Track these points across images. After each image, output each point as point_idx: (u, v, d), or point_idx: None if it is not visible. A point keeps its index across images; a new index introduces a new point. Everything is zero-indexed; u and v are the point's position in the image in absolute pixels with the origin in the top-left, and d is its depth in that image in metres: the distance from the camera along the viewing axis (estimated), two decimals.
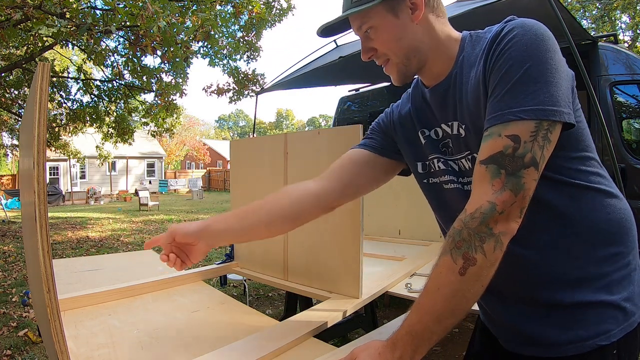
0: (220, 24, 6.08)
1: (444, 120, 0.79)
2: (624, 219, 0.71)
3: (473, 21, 0.79)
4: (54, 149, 11.42)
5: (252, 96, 8.40)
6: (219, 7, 6.24)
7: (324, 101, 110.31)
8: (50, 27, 4.59)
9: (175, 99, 7.79)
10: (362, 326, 1.85)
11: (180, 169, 34.76)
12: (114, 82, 8.55)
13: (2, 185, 18.24)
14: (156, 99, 7.93)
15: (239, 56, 8.31)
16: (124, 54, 7.03)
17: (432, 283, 0.64)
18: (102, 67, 7.47)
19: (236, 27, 8.28)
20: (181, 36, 5.20)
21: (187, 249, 0.86)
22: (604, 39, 3.09)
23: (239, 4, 6.38)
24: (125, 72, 7.45)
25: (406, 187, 2.47)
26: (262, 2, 7.83)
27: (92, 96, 8.95)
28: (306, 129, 52.78)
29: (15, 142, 13.55)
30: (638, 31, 10.45)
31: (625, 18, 11.09)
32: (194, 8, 5.86)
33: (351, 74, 4.30)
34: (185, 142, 36.66)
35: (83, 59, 8.63)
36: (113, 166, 21.57)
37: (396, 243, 2.43)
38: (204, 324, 1.17)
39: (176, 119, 9.46)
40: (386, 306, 3.38)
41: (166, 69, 7.13)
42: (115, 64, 7.78)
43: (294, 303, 1.93)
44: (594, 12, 10.67)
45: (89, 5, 6.05)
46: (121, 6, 4.44)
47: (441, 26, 0.77)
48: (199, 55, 7.58)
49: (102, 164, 13.25)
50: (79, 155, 12.53)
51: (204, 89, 8.76)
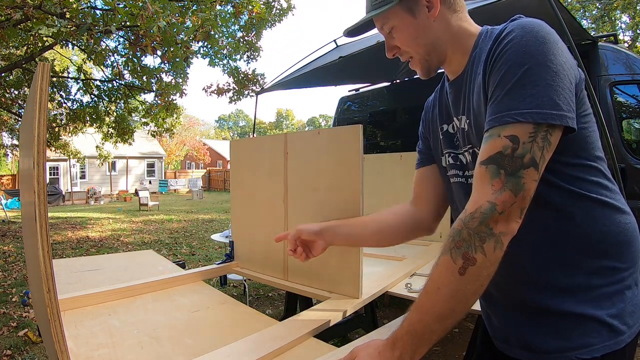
0: (220, 24, 6.08)
1: (456, 114, 0.81)
2: (623, 234, 0.69)
3: (473, 21, 0.79)
4: (54, 149, 11.42)
5: (252, 96, 8.40)
6: (219, 7, 6.24)
7: (324, 101, 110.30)
8: (50, 27, 4.58)
9: (175, 99, 7.79)
10: (362, 326, 1.85)
11: (180, 169, 34.76)
12: (114, 82, 8.55)
13: (2, 185, 18.23)
14: (156, 99, 7.93)
15: (239, 56, 8.31)
16: (124, 54, 7.03)
17: (432, 283, 0.64)
18: (102, 67, 7.47)
19: (236, 27, 8.28)
20: (181, 36, 5.20)
21: (310, 244, 1.06)
22: (604, 39, 3.09)
23: (239, 4, 6.38)
24: (125, 72, 7.45)
25: (406, 187, 2.47)
26: (262, 2, 7.83)
27: (92, 96, 8.95)
28: (306, 129, 52.77)
29: (15, 142, 13.55)
30: (638, 31, 10.45)
31: (625, 18, 11.09)
32: (194, 8, 5.86)
33: (351, 74, 4.30)
34: (185, 142, 36.66)
35: (83, 59, 8.63)
36: (113, 166, 21.56)
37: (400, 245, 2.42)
38: (204, 324, 1.17)
39: (176, 119, 9.46)
40: (386, 306, 3.38)
41: (166, 69, 7.13)
42: (115, 64, 7.78)
43: (294, 303, 1.93)
44: (594, 12, 10.67)
45: (89, 5, 6.05)
46: (121, 6, 4.44)
47: (458, 22, 0.78)
48: (199, 55, 7.58)
49: (102, 164, 13.25)
50: (79, 155, 12.53)
51: (204, 89, 8.76)
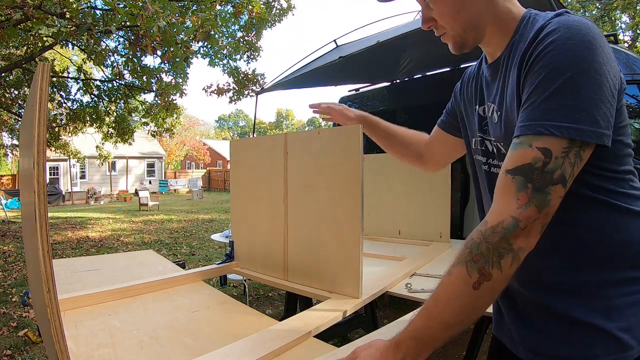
0: (220, 24, 6.08)
1: (489, 99, 0.79)
2: None
3: None
4: (54, 149, 11.42)
5: (252, 96, 8.40)
6: (219, 7, 6.23)
7: (323, 101, 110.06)
8: (50, 27, 4.59)
9: (175, 99, 7.78)
10: (362, 326, 1.85)
11: (180, 169, 34.76)
12: (114, 82, 8.55)
13: (2, 185, 18.23)
14: (156, 99, 7.93)
15: (239, 56, 8.30)
16: (124, 54, 7.03)
17: (443, 292, 0.63)
18: (102, 67, 7.47)
19: (236, 27, 8.28)
20: (181, 36, 5.19)
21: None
22: None
23: (239, 4, 6.38)
24: (125, 72, 7.44)
25: (406, 187, 2.47)
26: (262, 2, 7.83)
27: (92, 96, 8.94)
28: (306, 129, 52.77)
29: (15, 142, 13.55)
30: (638, 31, 10.45)
31: (625, 18, 11.09)
32: (194, 8, 5.86)
33: (351, 74, 4.29)
34: (185, 142, 36.65)
35: (83, 59, 8.62)
36: (113, 166, 21.56)
37: (396, 243, 2.43)
38: (204, 324, 1.17)
39: (176, 119, 9.46)
40: (386, 306, 3.38)
41: (166, 69, 7.12)
42: (115, 64, 7.78)
43: (294, 303, 1.93)
44: (594, 12, 10.67)
45: (89, 5, 6.05)
46: (121, 6, 4.44)
47: (503, 0, 0.73)
48: (199, 55, 7.58)
49: (102, 164, 13.24)
50: (79, 155, 12.53)
51: (204, 89, 8.76)
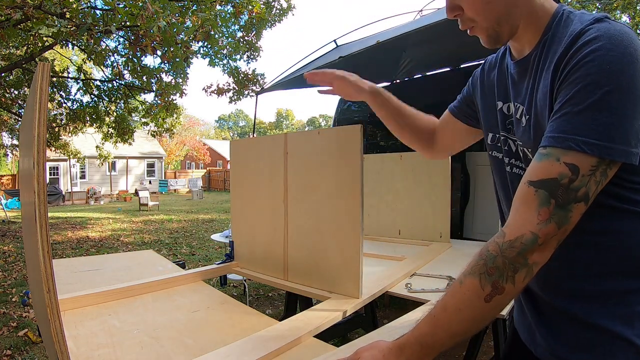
0: (220, 24, 6.08)
1: (516, 99, 0.75)
2: None
3: None
4: (54, 149, 11.42)
5: (252, 96, 8.40)
6: (219, 7, 6.23)
7: (324, 101, 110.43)
8: (50, 27, 4.59)
9: (175, 99, 7.79)
10: (362, 326, 1.85)
11: (180, 169, 34.76)
12: (114, 82, 8.55)
13: (2, 185, 18.23)
14: (156, 99, 7.93)
15: (239, 56, 8.31)
16: (124, 54, 7.03)
17: (453, 301, 0.62)
18: (102, 67, 7.47)
19: (236, 27, 8.28)
20: (181, 36, 5.20)
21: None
22: None
23: (239, 4, 6.38)
24: (125, 72, 7.45)
25: (406, 187, 2.47)
26: (262, 2, 7.82)
27: (92, 96, 8.95)
28: (306, 129, 52.76)
29: (15, 142, 13.55)
30: (638, 31, 10.45)
31: (625, 18, 11.09)
32: (194, 8, 5.86)
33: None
34: (185, 142, 36.65)
35: (83, 59, 8.62)
36: (113, 166, 21.55)
37: (396, 243, 2.43)
38: (204, 324, 1.17)
39: (176, 119, 9.46)
40: (386, 306, 3.38)
41: (166, 69, 7.13)
42: (115, 64, 7.78)
43: (294, 303, 1.93)
44: (593, 12, 10.66)
45: (89, 5, 6.04)
46: (121, 6, 4.44)
47: None
48: (199, 55, 7.58)
49: (102, 164, 13.25)
50: (79, 155, 12.53)
51: (204, 89, 8.76)
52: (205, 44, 6.92)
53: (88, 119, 9.12)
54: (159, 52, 5.61)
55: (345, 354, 0.72)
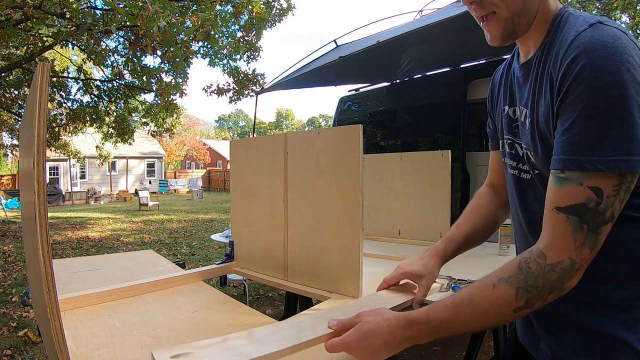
0: (220, 24, 6.08)
1: (520, 102, 0.74)
2: None
3: (473, 21, 0.76)
4: (54, 149, 11.43)
5: (252, 96, 8.40)
6: (219, 7, 6.24)
7: (324, 101, 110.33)
8: (50, 27, 4.60)
9: (175, 99, 7.79)
10: None
11: (180, 169, 34.75)
12: (114, 82, 8.56)
13: (2, 185, 18.23)
14: (156, 99, 7.93)
15: (239, 56, 8.31)
16: (124, 54, 7.03)
17: (483, 301, 0.62)
18: (102, 67, 7.47)
19: (236, 27, 8.28)
20: (181, 36, 5.20)
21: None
22: None
23: (239, 4, 6.38)
24: (125, 72, 7.45)
25: (406, 187, 2.47)
26: (262, 2, 7.83)
27: (92, 96, 8.95)
28: (306, 129, 52.78)
29: (15, 142, 13.55)
30: (638, 31, 10.45)
31: (625, 18, 11.09)
32: (194, 8, 5.86)
33: (351, 74, 4.30)
34: (185, 142, 36.66)
35: (83, 59, 8.63)
36: (113, 166, 21.56)
37: (396, 243, 2.43)
38: (204, 324, 1.17)
39: (176, 119, 9.47)
40: None
41: (166, 69, 7.13)
42: (115, 64, 7.79)
43: (294, 303, 1.93)
44: (593, 12, 10.67)
45: (89, 5, 6.05)
46: (121, 6, 4.44)
47: None
48: (199, 55, 7.59)
49: (102, 164, 13.26)
50: (79, 155, 12.54)
51: (204, 89, 8.76)
52: (205, 44, 6.92)
53: (88, 119, 9.13)
54: (159, 52, 5.61)
55: (345, 314, 0.71)
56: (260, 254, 1.68)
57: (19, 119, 9.44)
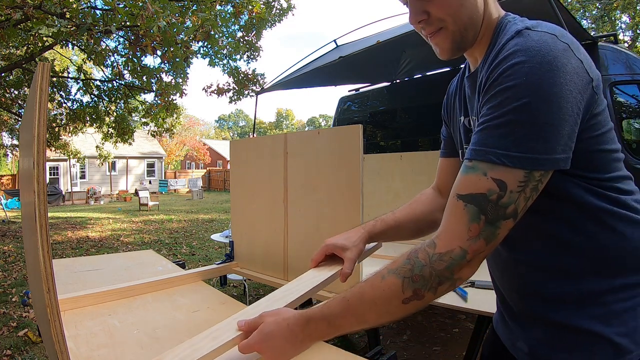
0: (220, 24, 6.08)
1: (472, 112, 0.75)
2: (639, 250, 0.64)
3: None
4: (54, 149, 11.43)
5: (252, 96, 8.40)
6: (219, 7, 6.24)
7: (324, 101, 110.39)
8: (50, 27, 4.60)
9: (175, 99, 7.79)
10: None
11: (180, 169, 34.76)
12: (114, 82, 8.56)
13: (2, 185, 18.24)
14: (156, 99, 7.93)
15: (239, 56, 8.31)
16: (124, 54, 7.03)
17: (371, 292, 0.63)
18: (102, 67, 7.47)
19: (236, 27, 8.28)
20: (181, 36, 5.20)
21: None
22: (604, 39, 3.09)
23: (239, 4, 6.38)
24: (125, 72, 7.45)
25: (406, 187, 2.47)
26: (262, 2, 7.83)
27: (92, 96, 8.95)
28: (306, 129, 52.79)
29: (15, 142, 13.55)
30: (638, 31, 10.45)
31: (625, 18, 11.10)
32: (194, 8, 5.87)
33: (351, 74, 4.30)
34: (185, 142, 36.68)
35: (83, 59, 8.63)
36: (113, 166, 21.57)
37: (396, 243, 2.43)
38: (204, 324, 1.17)
39: (176, 119, 9.47)
40: None
41: (166, 69, 7.13)
42: (115, 64, 7.79)
43: None
44: (594, 12, 10.67)
45: (89, 5, 6.05)
46: (121, 6, 4.44)
47: (492, 1, 0.69)
48: (199, 55, 7.59)
49: (102, 164, 13.26)
50: (79, 155, 12.54)
51: (204, 89, 8.76)
52: (205, 44, 6.92)
53: (88, 119, 9.13)
54: (159, 52, 5.62)
55: (255, 314, 0.72)
56: (260, 254, 1.68)
57: (19, 119, 9.44)
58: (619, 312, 0.63)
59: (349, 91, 4.93)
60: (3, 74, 7.84)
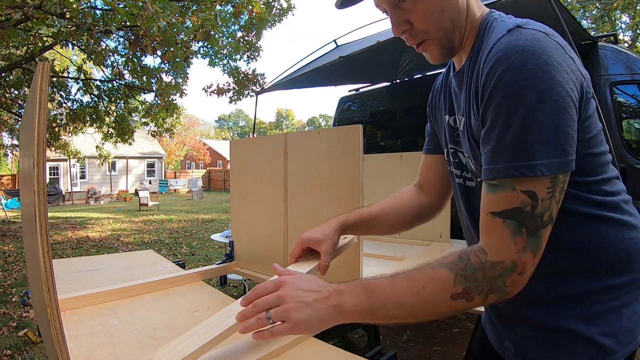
0: (220, 24, 6.08)
1: (458, 111, 0.75)
2: (626, 250, 0.65)
3: None
4: (54, 149, 11.42)
5: (252, 96, 8.40)
6: (219, 7, 6.24)
7: (324, 101, 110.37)
8: (50, 27, 4.59)
9: (175, 99, 7.79)
10: (362, 326, 1.84)
11: (180, 169, 34.76)
12: (114, 82, 8.56)
13: (2, 185, 18.24)
14: (156, 99, 7.93)
15: (239, 56, 8.31)
16: (124, 54, 7.03)
17: (419, 277, 0.60)
18: (102, 67, 7.47)
19: (236, 27, 8.28)
20: (181, 36, 5.20)
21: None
22: (604, 39, 3.09)
23: (239, 4, 6.38)
24: (125, 72, 7.45)
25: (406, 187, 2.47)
26: (262, 2, 7.83)
27: (92, 96, 8.95)
28: (306, 129, 52.78)
29: (15, 142, 13.55)
30: (638, 31, 10.45)
31: (625, 18, 11.10)
32: (194, 8, 5.87)
33: (351, 74, 4.30)
34: (185, 142, 36.68)
35: (83, 59, 8.63)
36: (113, 166, 21.56)
37: (396, 243, 2.43)
38: None
39: (176, 119, 9.47)
40: None
41: (166, 69, 7.12)
42: (115, 64, 7.79)
43: None
44: (594, 12, 10.67)
45: (89, 5, 6.05)
46: (121, 6, 4.44)
47: (474, 0, 0.69)
48: (199, 55, 7.59)
49: (102, 164, 13.25)
50: (79, 155, 12.53)
51: (204, 89, 8.76)
52: (205, 44, 6.92)
53: (88, 119, 9.13)
54: (159, 52, 5.61)
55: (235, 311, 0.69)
56: (260, 254, 1.68)
57: (19, 119, 9.44)
58: (604, 313, 0.63)
59: (349, 91, 4.93)
60: (3, 74, 7.84)
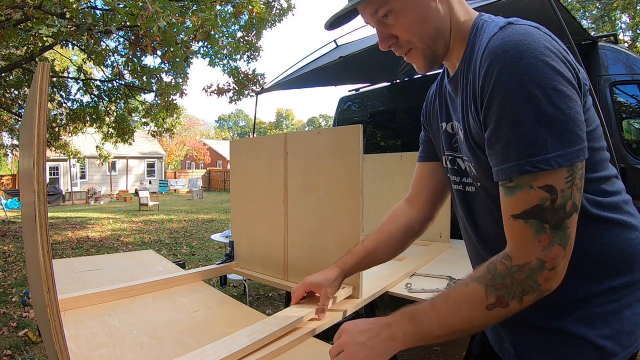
0: (220, 24, 6.08)
1: (455, 117, 0.75)
2: (627, 251, 0.65)
3: None
4: (54, 149, 11.42)
5: (252, 96, 8.40)
6: (219, 7, 6.24)
7: (324, 101, 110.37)
8: (50, 27, 4.59)
9: (175, 99, 7.78)
10: None
11: (180, 169, 34.75)
12: (114, 82, 8.55)
13: (2, 185, 18.23)
14: (156, 99, 7.92)
15: (239, 56, 8.31)
16: (124, 54, 7.03)
17: (455, 295, 0.63)
18: (102, 67, 7.47)
19: (236, 27, 8.28)
20: (181, 36, 5.20)
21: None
22: (604, 39, 3.09)
23: (239, 4, 6.38)
24: (125, 72, 7.45)
25: (406, 187, 2.47)
26: (262, 2, 7.83)
27: (92, 96, 8.95)
28: (306, 129, 52.77)
29: (15, 142, 13.55)
30: (638, 31, 10.45)
31: (625, 18, 11.09)
32: (194, 8, 5.86)
33: (351, 74, 4.29)
34: (185, 142, 36.67)
35: (83, 59, 8.62)
36: (113, 166, 21.56)
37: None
38: (204, 324, 1.17)
39: (176, 119, 9.46)
40: (386, 306, 3.38)
41: (166, 69, 7.12)
42: (115, 64, 7.79)
43: None
44: (594, 12, 10.67)
45: (89, 5, 6.05)
46: (121, 6, 4.44)
47: (459, 5, 0.69)
48: (199, 55, 7.58)
49: (102, 164, 13.25)
50: (79, 155, 12.53)
51: (204, 89, 8.76)
52: (205, 44, 6.92)
53: (88, 119, 9.12)
54: (159, 52, 5.61)
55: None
56: (260, 254, 1.68)
57: (19, 119, 9.44)
58: (604, 314, 0.63)
59: (349, 91, 4.93)
60: (3, 74, 7.83)
